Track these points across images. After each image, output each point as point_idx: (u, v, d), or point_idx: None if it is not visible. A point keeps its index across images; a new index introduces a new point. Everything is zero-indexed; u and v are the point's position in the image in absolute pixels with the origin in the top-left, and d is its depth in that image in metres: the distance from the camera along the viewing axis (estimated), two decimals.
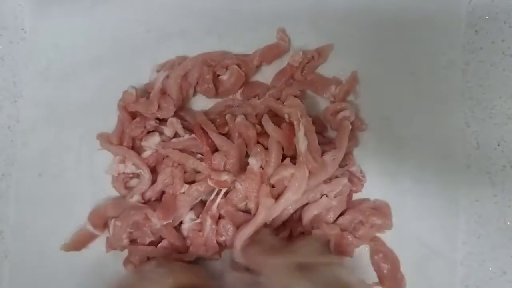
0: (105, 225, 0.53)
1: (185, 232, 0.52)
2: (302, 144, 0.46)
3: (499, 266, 0.51)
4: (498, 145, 0.52)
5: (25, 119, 0.58)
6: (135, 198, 0.52)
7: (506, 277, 0.51)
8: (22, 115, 0.58)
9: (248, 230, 0.48)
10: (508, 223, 0.51)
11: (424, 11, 0.53)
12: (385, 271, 0.51)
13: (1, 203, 0.57)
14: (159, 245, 0.52)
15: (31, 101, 0.58)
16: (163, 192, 0.53)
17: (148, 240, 0.51)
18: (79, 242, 0.54)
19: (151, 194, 0.52)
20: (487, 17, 0.53)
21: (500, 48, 0.53)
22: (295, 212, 0.51)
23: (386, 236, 0.52)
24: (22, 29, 0.59)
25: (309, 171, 0.47)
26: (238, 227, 0.50)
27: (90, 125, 0.56)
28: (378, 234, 0.52)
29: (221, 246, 0.51)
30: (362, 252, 0.52)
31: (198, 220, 0.51)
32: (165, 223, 0.49)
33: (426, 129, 0.53)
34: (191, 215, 0.52)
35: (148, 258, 0.52)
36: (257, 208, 0.49)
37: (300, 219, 0.51)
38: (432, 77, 0.53)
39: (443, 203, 0.52)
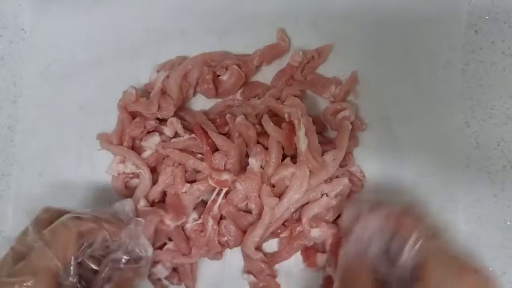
0: None
1: (187, 233, 0.52)
2: (302, 143, 0.46)
3: (499, 266, 0.51)
4: (498, 145, 0.52)
5: (25, 119, 0.58)
6: (142, 203, 0.51)
7: (506, 277, 0.51)
8: (22, 115, 0.58)
9: (258, 232, 0.48)
10: (508, 223, 0.51)
11: (424, 11, 0.53)
12: None
13: (1, 203, 0.57)
14: (165, 247, 0.52)
15: (31, 101, 0.58)
16: (164, 193, 0.52)
17: (159, 243, 0.51)
18: None
19: (153, 195, 0.52)
20: (487, 17, 0.53)
21: (500, 48, 0.53)
22: (295, 211, 0.51)
23: None
24: (22, 29, 0.59)
25: (310, 171, 0.47)
26: (239, 227, 0.50)
27: (90, 125, 0.56)
28: None
29: (223, 246, 0.51)
30: None
31: (200, 221, 0.51)
32: (179, 223, 0.49)
33: (426, 129, 0.52)
34: (194, 215, 0.52)
35: (155, 262, 0.52)
36: (258, 208, 0.49)
37: (299, 218, 0.51)
38: (432, 77, 0.53)
39: (443, 203, 0.52)
